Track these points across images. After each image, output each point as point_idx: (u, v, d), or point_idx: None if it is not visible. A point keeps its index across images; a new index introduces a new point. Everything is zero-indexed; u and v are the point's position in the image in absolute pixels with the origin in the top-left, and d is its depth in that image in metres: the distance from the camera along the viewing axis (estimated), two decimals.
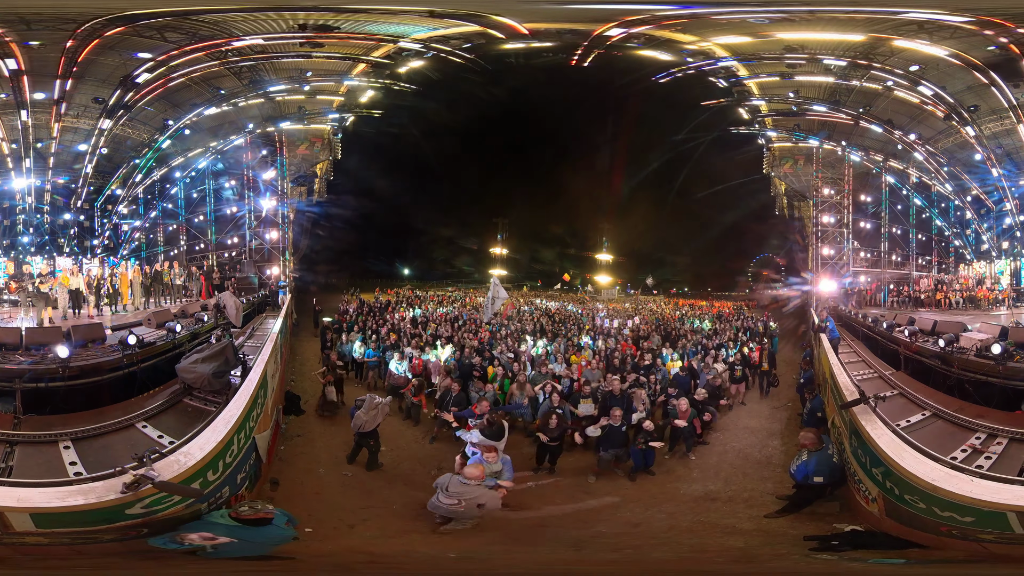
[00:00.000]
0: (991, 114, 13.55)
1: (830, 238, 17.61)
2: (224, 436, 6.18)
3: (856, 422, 7.75)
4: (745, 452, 11.09)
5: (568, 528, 8.58)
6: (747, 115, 17.56)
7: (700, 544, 8.12)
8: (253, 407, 7.61)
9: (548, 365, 12.97)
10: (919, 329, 10.83)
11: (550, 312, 18.41)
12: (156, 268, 13.46)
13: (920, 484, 6.36)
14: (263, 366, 8.56)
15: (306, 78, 14.20)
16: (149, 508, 4.80)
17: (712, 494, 9.53)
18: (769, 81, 16.03)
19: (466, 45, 12.61)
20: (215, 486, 6.16)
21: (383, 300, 18.69)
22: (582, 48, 13.03)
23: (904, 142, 15.89)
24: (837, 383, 9.29)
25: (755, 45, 14.02)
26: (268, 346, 9.66)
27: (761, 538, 8.09)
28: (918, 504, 6.51)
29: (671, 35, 13.17)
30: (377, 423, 9.64)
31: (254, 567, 6.21)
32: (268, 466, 8.96)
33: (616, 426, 9.92)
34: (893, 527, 7.14)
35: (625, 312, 19.47)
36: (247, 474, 7.40)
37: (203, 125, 14.07)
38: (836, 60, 14.12)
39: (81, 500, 4.12)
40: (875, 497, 7.47)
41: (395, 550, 7.73)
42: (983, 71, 12.72)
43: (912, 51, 12.84)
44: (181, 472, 4.94)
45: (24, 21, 10.01)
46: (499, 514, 8.29)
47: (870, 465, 7.38)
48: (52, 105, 11.44)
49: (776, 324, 17.28)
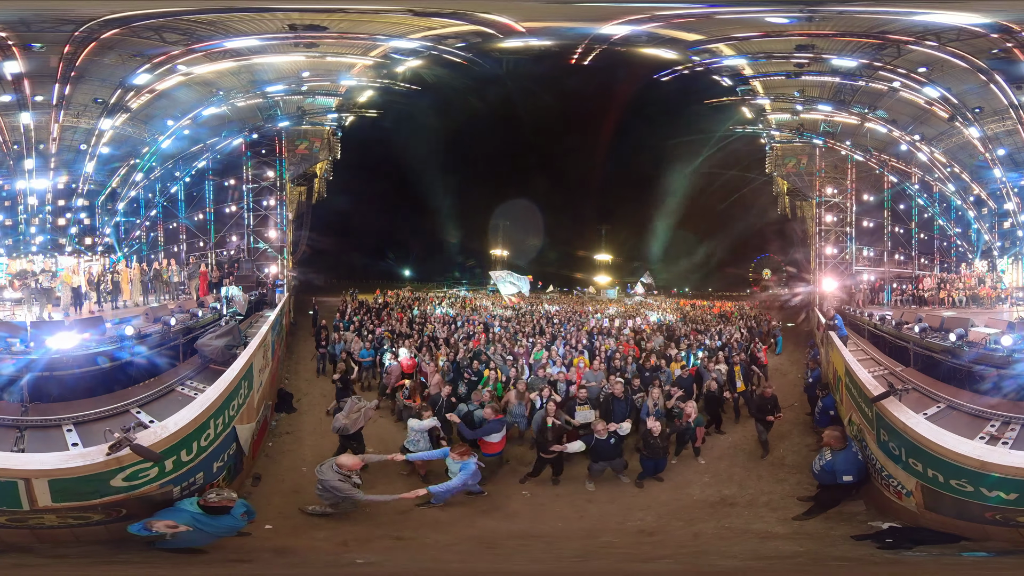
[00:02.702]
0: (993, 115, 13.77)
1: (833, 237, 17.81)
2: (197, 416, 6.72)
3: (887, 414, 7.82)
4: (756, 454, 10.93)
5: (572, 539, 8.30)
6: (751, 114, 17.85)
7: (747, 550, 7.76)
8: (234, 396, 7.96)
9: (547, 369, 12.72)
10: (928, 326, 11.24)
11: (550, 315, 18.51)
12: (155, 267, 13.85)
13: (968, 463, 6.54)
14: (247, 357, 8.91)
15: (303, 78, 14.45)
16: (129, 482, 5.60)
17: (729, 499, 9.34)
18: (774, 80, 16.30)
19: (460, 45, 12.75)
20: (188, 468, 6.61)
21: (382, 301, 18.95)
22: (582, 47, 13.12)
23: (908, 142, 16.10)
24: (857, 379, 9.29)
25: (763, 44, 14.18)
26: (255, 340, 9.88)
27: (809, 541, 7.82)
28: (965, 488, 6.64)
29: (675, 33, 13.26)
30: (360, 426, 9.56)
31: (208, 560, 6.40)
32: (252, 461, 9.21)
33: (603, 439, 9.70)
34: (934, 520, 7.24)
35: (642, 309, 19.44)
36: (225, 464, 7.72)
37: (202, 125, 14.39)
38: (847, 61, 14.21)
39: (80, 463, 5.25)
40: (911, 490, 7.50)
41: (360, 554, 7.42)
42: (986, 72, 12.92)
43: (920, 52, 13.00)
44: (156, 442, 5.67)
45: (24, 23, 10.41)
46: (491, 523, 8.23)
47: (906, 456, 7.41)
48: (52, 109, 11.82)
49: (780, 324, 17.42)
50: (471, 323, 16.81)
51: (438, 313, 18.06)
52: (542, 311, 19.03)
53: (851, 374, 9.79)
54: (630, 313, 19.12)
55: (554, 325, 17.19)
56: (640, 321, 17.96)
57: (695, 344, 15.35)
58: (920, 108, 14.99)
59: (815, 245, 17.93)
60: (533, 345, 14.57)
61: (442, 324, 16.53)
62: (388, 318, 16.67)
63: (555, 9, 11.62)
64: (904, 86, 14.52)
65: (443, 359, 13.22)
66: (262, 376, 10.11)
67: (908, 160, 16.50)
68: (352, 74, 14.54)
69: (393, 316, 16.93)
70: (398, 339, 14.68)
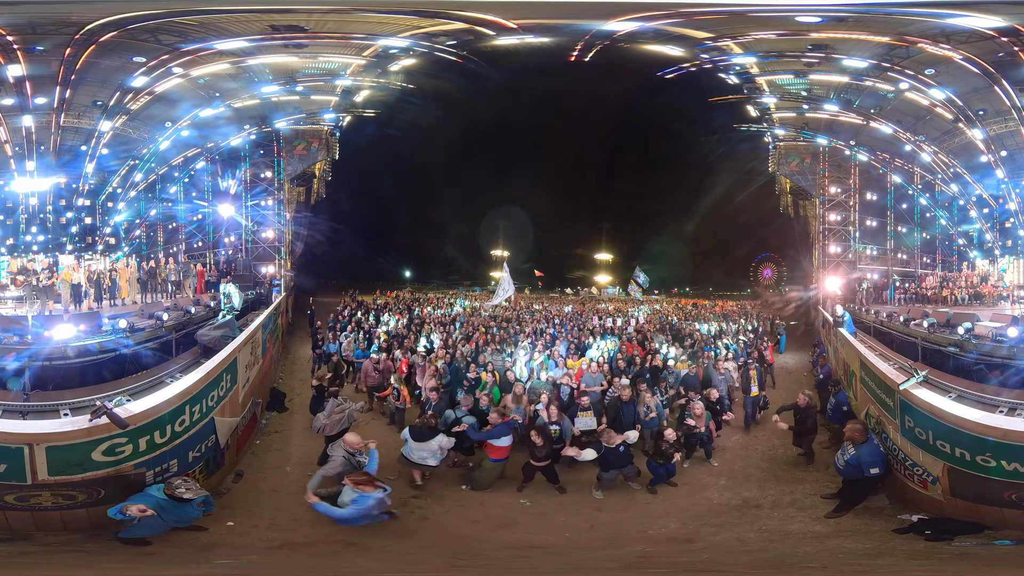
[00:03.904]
0: (996, 116, 13.85)
1: (836, 236, 17.86)
2: (171, 398, 7.24)
3: (914, 399, 7.99)
4: (770, 454, 10.76)
5: (585, 548, 7.81)
6: (755, 112, 17.95)
7: (807, 552, 7.39)
8: (214, 386, 8.26)
9: (547, 372, 12.36)
10: (935, 321, 11.70)
11: (549, 315, 18.59)
12: (152, 265, 14.21)
13: (993, 434, 6.97)
14: (230, 350, 9.22)
15: (296, 78, 14.69)
16: (107, 457, 6.42)
17: (752, 501, 9.04)
18: (782, 78, 16.38)
19: (451, 43, 12.83)
20: (162, 452, 7.08)
21: (381, 302, 19.15)
22: (582, 43, 13.10)
23: (912, 142, 16.15)
24: (878, 370, 9.36)
25: (777, 43, 14.24)
26: (242, 336, 10.13)
27: (858, 538, 7.61)
28: (989, 463, 7.00)
29: (684, 31, 13.23)
30: (342, 428, 9.40)
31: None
32: (237, 457, 9.40)
33: (613, 448, 9.28)
34: (958, 508, 7.43)
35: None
36: (203, 455, 7.99)
37: (201, 126, 14.71)
38: (858, 61, 14.27)
39: (70, 428, 6.24)
40: (937, 476, 7.64)
41: (308, 563, 7.16)
42: (991, 74, 13.00)
43: (929, 54, 13.05)
44: (130, 416, 6.48)
45: (31, 25, 10.77)
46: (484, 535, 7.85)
47: (933, 438, 7.58)
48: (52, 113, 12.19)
49: (783, 322, 17.46)
50: (470, 324, 16.78)
51: (437, 314, 18.14)
52: (538, 310, 19.11)
53: (869, 366, 9.84)
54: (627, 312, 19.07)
55: (555, 325, 17.04)
56: (643, 320, 17.93)
57: (701, 343, 15.19)
58: (925, 109, 15.07)
59: (818, 244, 18.00)
60: (534, 347, 14.23)
61: (439, 325, 16.56)
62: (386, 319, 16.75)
63: (560, 6, 11.63)
64: (914, 88, 14.61)
65: (440, 361, 12.86)
66: (250, 372, 10.32)
67: (911, 160, 16.54)
68: (348, 75, 14.76)
69: (391, 317, 17.02)
70: (394, 339, 14.73)
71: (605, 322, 17.51)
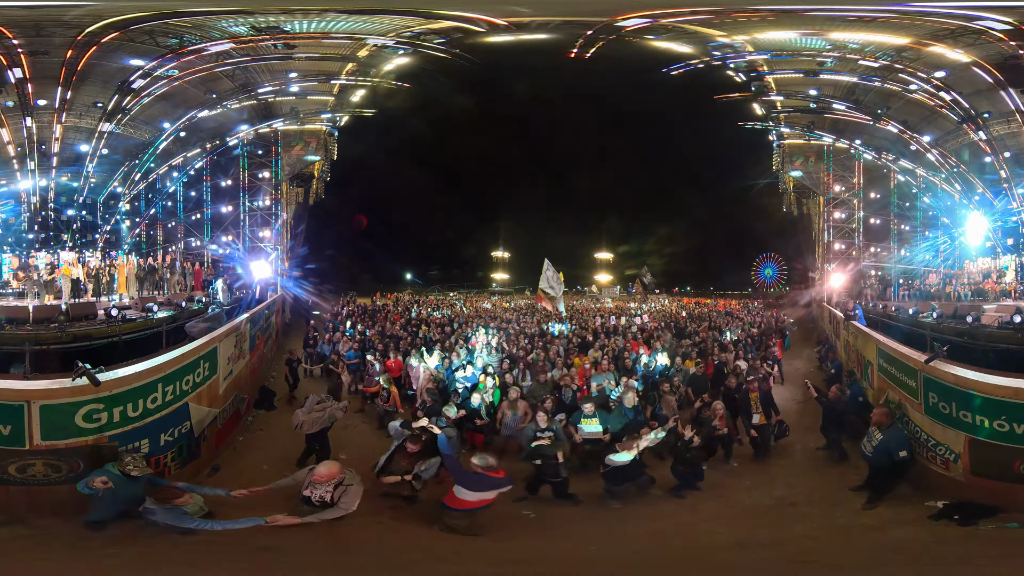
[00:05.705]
0: (999, 117, 14.06)
1: (840, 234, 18.00)
2: (141, 372, 7.67)
3: (938, 373, 8.32)
4: (789, 452, 10.37)
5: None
6: (761, 111, 18.20)
7: (880, 544, 7.01)
8: (189, 370, 8.49)
9: (547, 374, 11.77)
10: (943, 312, 12.44)
11: None
12: (150, 262, 14.67)
13: (1005, 394, 7.46)
14: (209, 338, 9.53)
15: (291, 79, 15.09)
16: (87, 423, 7.07)
17: (785, 499, 8.63)
18: (791, 78, 16.65)
19: (439, 40, 13.12)
20: (134, 428, 7.39)
21: (379, 304, 19.40)
22: (581, 40, 13.35)
23: (917, 142, 16.34)
24: (899, 353, 9.54)
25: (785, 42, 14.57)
26: (223, 327, 10.38)
27: (905, 527, 7.31)
28: (1004, 427, 7.46)
29: (696, 28, 13.69)
30: (322, 426, 8.97)
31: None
32: (215, 450, 9.35)
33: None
34: (978, 487, 7.61)
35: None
36: (175, 441, 8.12)
37: (200, 126, 15.18)
38: (871, 61, 14.48)
39: (58, 385, 7.00)
40: (959, 455, 7.88)
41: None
42: (996, 76, 13.22)
43: (939, 55, 13.37)
44: (104, 380, 7.12)
45: (36, 27, 11.31)
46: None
47: (957, 410, 7.91)
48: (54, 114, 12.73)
49: (789, 320, 17.50)
50: (470, 325, 16.69)
51: (436, 315, 18.22)
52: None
53: (889, 351, 9.98)
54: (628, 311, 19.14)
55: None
56: (647, 318, 17.96)
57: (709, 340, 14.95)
58: (930, 109, 15.28)
59: (823, 242, 18.15)
60: (533, 348, 13.72)
61: (437, 326, 16.45)
62: (384, 319, 16.91)
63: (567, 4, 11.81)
64: (923, 90, 14.85)
65: (438, 363, 12.67)
66: (233, 366, 10.50)
67: (916, 160, 16.73)
68: (343, 75, 15.16)
69: (389, 318, 17.16)
70: (390, 341, 14.66)
71: (608, 321, 17.44)
